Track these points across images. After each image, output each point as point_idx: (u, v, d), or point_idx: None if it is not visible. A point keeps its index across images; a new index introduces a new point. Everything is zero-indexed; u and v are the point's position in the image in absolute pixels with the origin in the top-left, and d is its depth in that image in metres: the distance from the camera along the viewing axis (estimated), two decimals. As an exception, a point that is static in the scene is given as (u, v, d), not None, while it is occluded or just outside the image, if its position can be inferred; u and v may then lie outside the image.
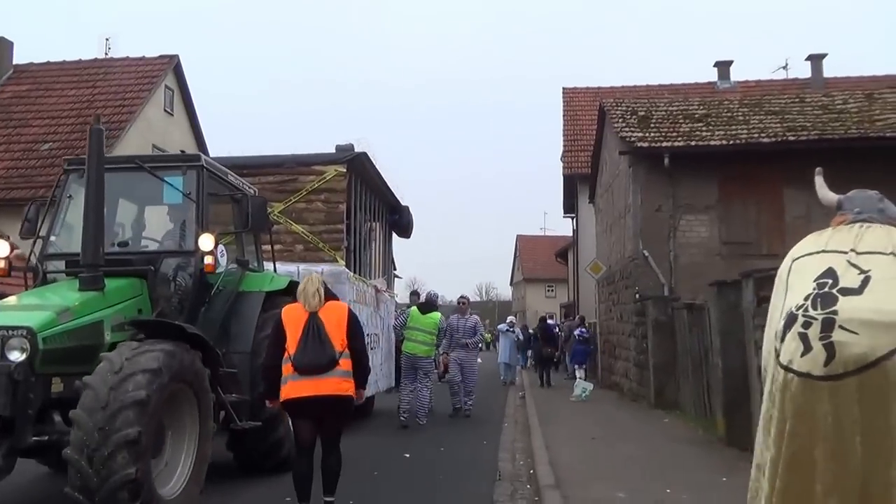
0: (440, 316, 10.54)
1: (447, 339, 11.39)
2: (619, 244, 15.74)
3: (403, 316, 10.80)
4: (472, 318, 11.75)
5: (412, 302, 11.93)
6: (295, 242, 9.95)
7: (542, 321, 21.23)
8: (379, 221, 12.56)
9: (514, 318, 22.75)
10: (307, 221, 10.04)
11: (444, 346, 11.69)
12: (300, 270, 8.68)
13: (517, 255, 62.65)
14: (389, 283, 13.78)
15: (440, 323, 10.40)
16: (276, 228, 9.24)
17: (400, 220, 13.17)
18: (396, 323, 11.14)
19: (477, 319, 11.89)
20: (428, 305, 10.63)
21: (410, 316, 10.39)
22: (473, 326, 11.49)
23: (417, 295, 12.59)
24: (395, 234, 13.75)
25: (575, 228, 25.63)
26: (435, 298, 11.44)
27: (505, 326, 19.80)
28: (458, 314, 11.68)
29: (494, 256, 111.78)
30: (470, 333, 11.37)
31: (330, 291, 5.15)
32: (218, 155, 9.57)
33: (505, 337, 19.12)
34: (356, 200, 10.70)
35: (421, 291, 12.11)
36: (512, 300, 67.09)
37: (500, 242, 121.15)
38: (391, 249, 14.05)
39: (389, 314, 11.96)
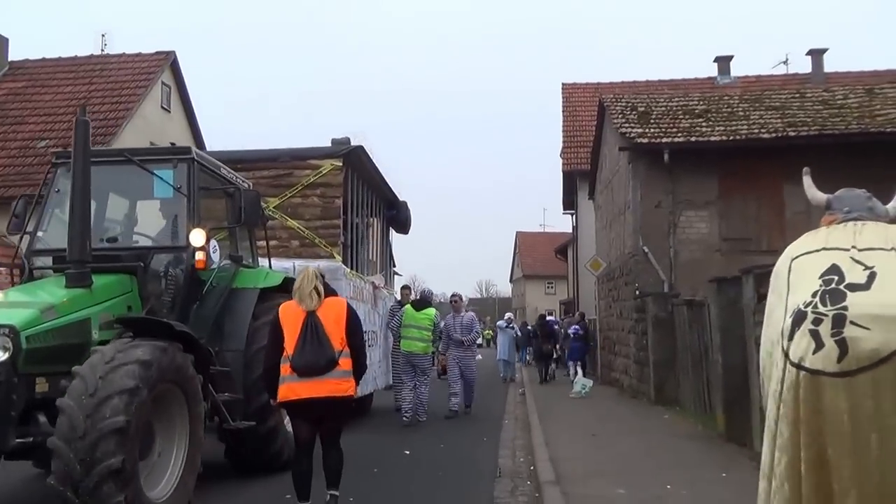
0: (435, 311, 10.44)
1: (444, 339, 11.31)
2: (618, 240, 15.78)
3: (398, 316, 10.64)
4: (466, 315, 11.56)
5: (402, 296, 11.69)
6: (290, 238, 9.85)
7: (541, 318, 21.23)
8: (376, 217, 12.42)
9: (511, 314, 22.78)
10: (303, 217, 9.93)
11: (441, 346, 11.66)
12: (296, 266, 8.61)
13: (517, 251, 62.69)
14: (388, 279, 13.71)
15: (435, 318, 10.30)
16: (271, 224, 9.13)
17: (398, 215, 13.03)
18: (392, 324, 10.98)
19: (472, 316, 11.67)
20: (422, 302, 10.55)
21: (405, 314, 10.31)
22: (469, 323, 11.25)
23: (409, 289, 12.46)
24: (393, 230, 13.63)
25: (575, 225, 25.67)
26: (430, 296, 11.42)
27: (503, 323, 19.84)
28: (452, 313, 11.46)
29: (494, 253, 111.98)
30: (465, 331, 11.11)
31: (328, 287, 5.07)
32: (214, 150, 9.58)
33: (503, 334, 19.15)
34: (353, 195, 10.60)
35: (419, 288, 12.05)
36: (512, 297, 67.14)
37: (499, 239, 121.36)
38: (390, 246, 13.96)
39: (387, 311, 11.85)
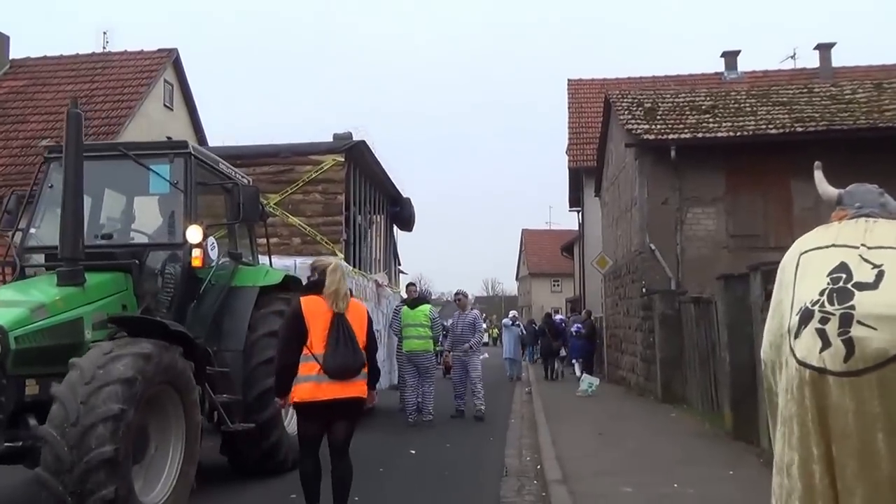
0: (430, 307, 10.28)
1: (450, 338, 11.19)
2: (625, 238, 15.78)
3: (398, 319, 10.52)
4: (471, 313, 11.18)
5: (409, 293, 11.68)
6: (292, 235, 9.76)
7: (547, 316, 21.59)
8: (380, 214, 12.28)
9: (516, 312, 22.84)
10: (304, 213, 9.82)
11: (447, 344, 11.55)
12: (297, 264, 8.57)
13: (522, 249, 62.66)
14: (392, 277, 13.60)
15: (430, 313, 10.12)
16: (272, 221, 9.02)
17: (401, 212, 12.89)
18: (394, 327, 10.79)
19: (476, 315, 11.28)
20: (417, 300, 10.43)
21: (403, 314, 10.23)
22: (472, 323, 10.85)
23: (415, 286, 12.33)
24: (396, 227, 13.52)
25: (581, 222, 25.64)
26: (427, 295, 11.36)
27: (508, 321, 19.88)
28: (458, 311, 11.25)
29: (500, 251, 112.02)
30: (469, 330, 10.77)
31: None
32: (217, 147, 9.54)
33: (509, 332, 19.19)
34: (355, 192, 10.49)
35: (425, 289, 11.93)
36: (517, 295, 67.12)
37: (505, 237, 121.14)
38: (394, 243, 13.87)
39: (391, 310, 11.63)
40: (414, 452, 7.94)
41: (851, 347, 1.99)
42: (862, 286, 2.07)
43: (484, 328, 10.88)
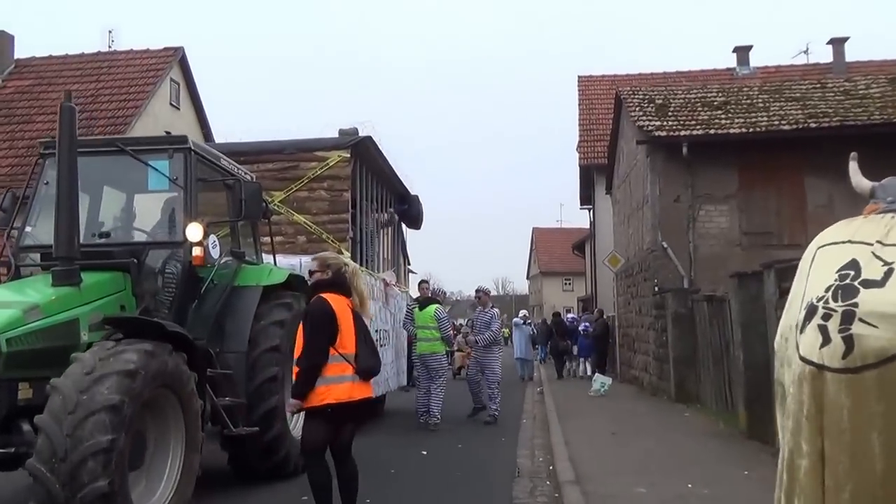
0: (436, 306, 10.21)
1: (471, 336, 11.05)
2: (637, 236, 15.78)
3: (410, 319, 10.54)
4: (490, 311, 10.86)
5: (421, 291, 11.28)
6: (297, 233, 9.58)
7: (556, 316, 21.90)
8: (387, 211, 12.13)
9: (526, 311, 22.91)
10: (310, 211, 9.65)
11: (469, 341, 11.35)
12: (303, 263, 8.44)
13: (533, 248, 62.62)
14: (402, 277, 13.51)
15: (436, 313, 10.05)
16: (277, 219, 8.91)
17: (409, 210, 12.72)
18: (407, 327, 10.80)
19: (493, 313, 11.04)
20: (426, 300, 10.43)
21: (415, 316, 10.24)
22: (488, 321, 10.64)
23: (427, 284, 12.25)
24: (404, 225, 13.42)
25: (592, 220, 25.63)
26: (438, 295, 11.27)
27: (519, 320, 19.91)
28: (479, 308, 10.95)
29: (510, 250, 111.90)
30: (483, 328, 10.63)
31: None
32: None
33: (520, 331, 19.23)
34: (362, 188, 10.36)
35: (436, 287, 11.80)
36: (528, 294, 67.08)
37: (515, 235, 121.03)
38: (402, 241, 13.76)
39: (400, 309, 11.59)
40: (425, 453, 7.97)
41: (851, 344, 1.99)
42: (868, 283, 2.05)
43: (498, 327, 10.58)
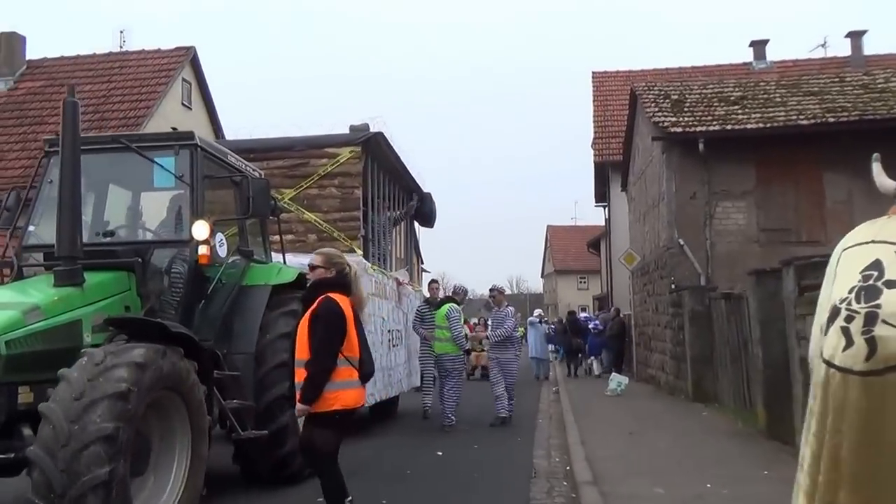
0: (449, 306, 10.07)
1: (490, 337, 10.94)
2: (653, 233, 15.73)
3: (419, 322, 10.54)
4: (505, 309, 10.57)
5: (431, 291, 11.22)
6: (308, 231, 9.46)
7: (570, 314, 22.25)
8: (399, 209, 12.03)
9: (541, 310, 22.95)
10: (320, 209, 9.53)
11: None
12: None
13: (548, 246, 62.50)
14: (413, 275, 13.41)
15: (448, 312, 9.94)
16: (287, 217, 8.84)
17: (422, 207, 12.60)
18: (416, 328, 10.77)
19: (508, 311, 10.62)
20: (443, 300, 10.41)
21: (435, 316, 10.20)
22: (503, 319, 10.46)
23: (437, 283, 11.98)
24: (417, 223, 13.36)
25: (607, 218, 25.56)
26: (461, 293, 11.03)
27: (535, 319, 19.93)
28: (494, 308, 10.80)
29: (524, 248, 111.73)
30: (498, 327, 10.46)
31: None
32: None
33: (535, 330, 19.25)
34: (373, 186, 10.27)
35: (449, 286, 11.72)
36: (543, 293, 66.96)
37: (529, 233, 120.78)
38: (416, 240, 13.71)
39: (412, 309, 11.47)
40: (441, 454, 7.99)
41: (874, 346, 1.97)
42: (892, 284, 2.04)
43: (513, 325, 10.42)
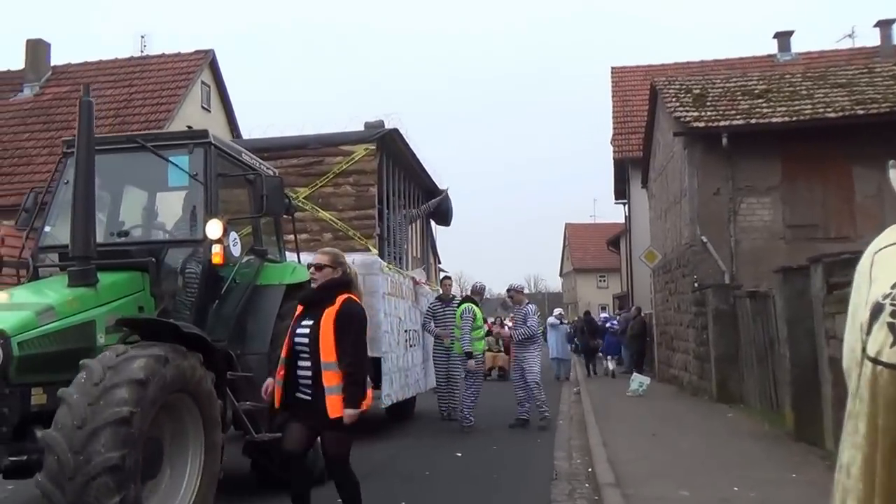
0: (465, 306, 9.98)
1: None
2: (674, 230, 15.54)
3: (430, 319, 10.53)
4: (525, 307, 10.33)
5: (444, 288, 11.10)
6: (322, 230, 9.43)
7: (586, 314, 22.57)
8: (415, 207, 11.92)
9: (561, 310, 22.84)
10: (335, 207, 9.49)
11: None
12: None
13: (566, 244, 62.23)
14: (430, 274, 13.34)
15: (463, 311, 9.88)
16: (302, 216, 8.82)
17: (439, 205, 12.56)
18: (428, 327, 10.75)
19: (528, 309, 10.34)
20: (463, 299, 10.38)
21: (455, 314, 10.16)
22: (523, 317, 10.23)
23: (450, 280, 11.87)
24: (433, 221, 13.30)
25: (627, 215, 25.37)
26: (481, 291, 10.99)
27: (555, 320, 19.80)
28: (516, 307, 10.65)
29: (542, 247, 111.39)
30: (520, 326, 10.29)
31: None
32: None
33: (556, 331, 19.13)
34: (389, 184, 10.22)
35: (477, 283, 11.46)
36: (562, 292, 66.69)
37: (547, 232, 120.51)
38: (433, 239, 13.66)
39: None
40: (460, 455, 7.96)
41: None
42: None
43: (535, 323, 10.20)
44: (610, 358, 19.79)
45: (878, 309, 2.12)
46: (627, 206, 25.20)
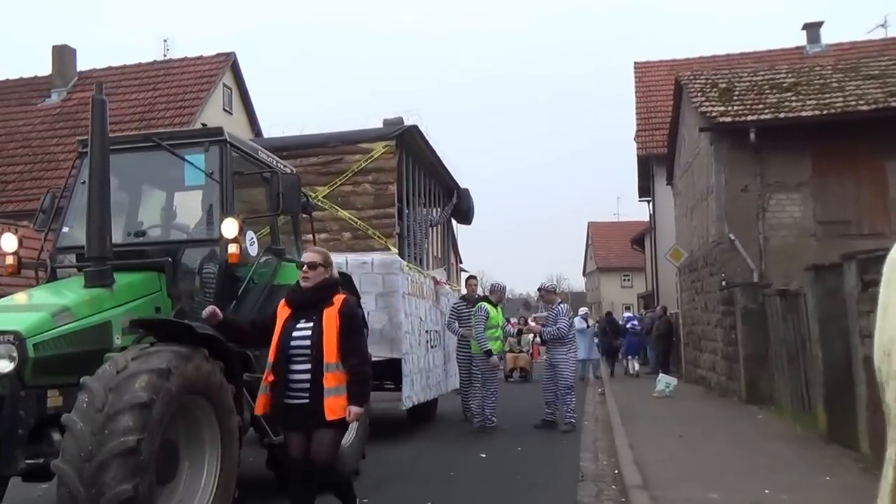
0: (479, 305, 9.97)
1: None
2: (701, 228, 15.35)
3: (455, 320, 10.51)
4: (557, 307, 10.16)
5: (468, 287, 11.12)
6: (342, 230, 9.36)
7: (608, 315, 22.73)
8: (436, 206, 11.82)
9: (587, 309, 22.75)
10: (355, 206, 9.40)
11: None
12: (349, 261, 8.44)
13: (589, 243, 61.84)
14: (451, 274, 13.33)
15: (476, 310, 9.86)
16: (321, 215, 8.79)
17: (459, 204, 12.37)
18: (451, 327, 10.72)
19: (559, 309, 10.13)
20: (479, 299, 10.37)
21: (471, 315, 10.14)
22: (555, 317, 10.01)
23: (475, 279, 11.94)
24: (454, 220, 13.17)
25: (651, 213, 25.12)
26: (498, 290, 10.79)
27: (580, 320, 19.67)
28: (549, 306, 10.46)
29: (564, 246, 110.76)
30: (551, 324, 10.01)
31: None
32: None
33: (582, 332, 19.01)
34: (409, 182, 10.14)
35: (496, 283, 11.39)
36: (585, 291, 66.30)
37: (570, 230, 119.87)
38: (453, 238, 13.65)
39: (451, 309, 11.22)
40: (484, 456, 7.94)
41: None
42: None
43: (566, 324, 9.97)
44: (631, 358, 19.70)
45: None
46: (652, 203, 24.95)
